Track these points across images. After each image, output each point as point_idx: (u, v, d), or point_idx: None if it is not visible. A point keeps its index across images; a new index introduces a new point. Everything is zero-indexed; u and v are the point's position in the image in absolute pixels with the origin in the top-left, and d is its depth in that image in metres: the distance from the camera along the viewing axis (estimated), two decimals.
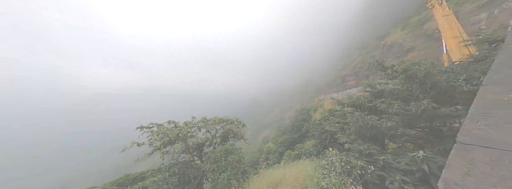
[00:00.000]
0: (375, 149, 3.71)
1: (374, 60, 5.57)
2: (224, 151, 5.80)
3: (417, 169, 2.76)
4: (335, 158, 3.52)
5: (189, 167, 5.96)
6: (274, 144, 31.80)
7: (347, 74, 56.55)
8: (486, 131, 1.67)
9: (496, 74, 2.03)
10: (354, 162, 3.32)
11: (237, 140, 7.25)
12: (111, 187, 5.53)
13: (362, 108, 5.65)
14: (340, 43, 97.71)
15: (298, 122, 31.66)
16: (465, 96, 3.57)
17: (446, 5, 14.29)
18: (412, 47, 34.26)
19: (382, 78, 5.61)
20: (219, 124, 7.08)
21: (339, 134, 5.10)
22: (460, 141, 1.74)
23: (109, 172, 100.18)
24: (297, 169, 5.01)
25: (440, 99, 4.01)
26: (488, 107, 1.85)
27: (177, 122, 6.79)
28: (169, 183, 5.25)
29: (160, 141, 5.78)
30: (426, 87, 4.05)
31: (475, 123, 1.79)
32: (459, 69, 4.59)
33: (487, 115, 1.78)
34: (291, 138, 27.87)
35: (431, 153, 2.89)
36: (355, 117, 4.45)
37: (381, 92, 5.53)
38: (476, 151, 1.59)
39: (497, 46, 4.09)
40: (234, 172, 5.21)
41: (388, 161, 3.18)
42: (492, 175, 1.38)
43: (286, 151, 14.92)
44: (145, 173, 6.35)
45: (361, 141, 4.33)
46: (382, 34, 58.40)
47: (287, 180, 4.45)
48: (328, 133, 7.13)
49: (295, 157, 10.54)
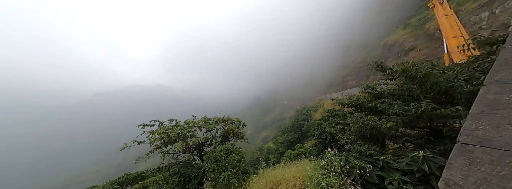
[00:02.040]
0: (375, 150, 3.71)
1: (373, 61, 5.50)
2: (225, 151, 5.81)
3: (418, 169, 2.76)
4: (335, 158, 3.52)
5: (190, 167, 5.97)
6: (274, 143, 31.83)
7: (347, 74, 56.51)
8: (487, 131, 1.66)
9: (497, 74, 2.01)
10: (354, 162, 3.32)
11: (237, 140, 7.27)
12: (112, 186, 5.53)
13: (362, 108, 5.64)
14: (341, 43, 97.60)
15: (298, 122, 31.68)
16: (466, 96, 3.56)
17: (447, 4, 14.26)
18: (413, 47, 34.20)
19: (382, 78, 5.58)
20: (220, 123, 7.09)
21: (340, 135, 5.10)
22: (461, 141, 1.74)
23: (109, 171, 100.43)
24: (297, 169, 5.02)
25: (440, 99, 4.00)
26: (489, 107, 1.84)
27: (178, 121, 6.81)
28: (170, 182, 5.26)
29: (161, 140, 5.79)
30: (426, 87, 4.04)
31: (476, 123, 1.79)
32: (460, 69, 4.57)
33: (488, 115, 1.78)
34: (291, 137, 27.89)
35: (431, 153, 2.88)
36: (355, 118, 4.44)
37: (381, 93, 5.52)
38: (477, 151, 1.58)
39: (498, 46, 4.08)
40: (234, 172, 5.21)
41: (388, 161, 3.18)
42: (493, 175, 1.38)
43: (286, 151, 14.93)
44: (146, 173, 6.36)
45: (362, 141, 4.32)
46: (382, 34, 58.31)
47: (287, 180, 4.46)
48: (328, 133, 7.13)
49: (295, 157, 10.54)
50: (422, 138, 4.15)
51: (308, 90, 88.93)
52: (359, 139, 4.49)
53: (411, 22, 42.07)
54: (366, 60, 49.60)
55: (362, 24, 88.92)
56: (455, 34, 12.54)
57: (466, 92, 3.51)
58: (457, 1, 29.74)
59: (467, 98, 3.52)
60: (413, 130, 4.54)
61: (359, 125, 4.29)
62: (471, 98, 2.33)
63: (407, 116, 3.86)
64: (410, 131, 4.52)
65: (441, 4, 14.48)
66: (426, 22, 36.30)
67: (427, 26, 34.80)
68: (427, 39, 32.66)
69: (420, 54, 30.67)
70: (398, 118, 3.92)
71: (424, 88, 4.11)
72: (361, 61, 52.68)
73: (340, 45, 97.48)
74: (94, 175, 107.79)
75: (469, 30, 21.95)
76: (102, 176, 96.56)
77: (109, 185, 5.52)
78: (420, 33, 35.35)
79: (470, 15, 25.18)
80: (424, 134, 4.45)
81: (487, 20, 22.89)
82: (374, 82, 6.12)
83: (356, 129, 4.46)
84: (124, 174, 6.15)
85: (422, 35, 34.45)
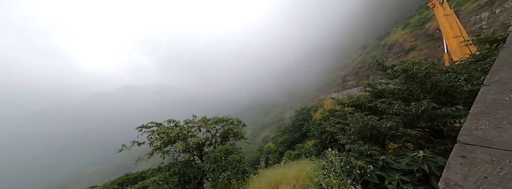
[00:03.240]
0: (375, 150, 3.70)
1: (374, 60, 5.56)
2: (224, 151, 5.81)
3: (417, 169, 2.75)
4: (335, 158, 3.52)
5: (189, 167, 5.96)
6: (274, 143, 31.82)
7: (347, 74, 56.52)
8: (487, 131, 1.66)
9: (497, 74, 2.01)
10: (354, 162, 3.31)
11: (237, 140, 7.27)
12: (112, 186, 5.53)
13: (362, 108, 5.63)
14: (341, 43, 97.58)
15: (298, 122, 31.62)
16: (466, 96, 3.55)
17: (447, 4, 14.25)
18: (412, 47, 34.20)
19: (383, 78, 5.59)
20: (219, 123, 7.09)
21: (340, 135, 5.10)
22: (461, 141, 1.73)
23: (109, 171, 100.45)
24: (297, 169, 5.01)
25: (440, 98, 4.00)
26: (489, 107, 1.84)
27: (177, 121, 6.80)
28: (170, 182, 5.25)
29: (161, 141, 5.79)
30: (427, 87, 4.04)
31: (476, 123, 1.78)
32: (460, 69, 4.57)
33: (488, 115, 1.78)
34: (292, 137, 27.85)
35: (431, 153, 2.88)
36: (355, 118, 4.44)
37: (381, 92, 5.52)
38: (477, 151, 1.58)
39: (498, 46, 4.07)
40: (234, 172, 5.21)
41: (388, 161, 3.18)
42: (493, 175, 1.38)
43: (286, 151, 14.92)
44: (146, 173, 6.35)
45: (362, 141, 4.32)
46: (382, 34, 58.34)
47: (287, 180, 4.45)
48: (328, 133, 7.13)
49: (295, 157, 10.54)
50: (422, 138, 4.14)
51: (309, 90, 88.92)
52: (359, 139, 4.49)
53: (411, 22, 42.06)
54: (366, 60, 49.62)
55: (362, 24, 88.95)
56: (455, 34, 12.52)
57: (467, 92, 3.51)
58: (457, 1, 29.73)
59: (467, 97, 3.52)
60: (413, 130, 4.54)
61: (359, 125, 4.29)
62: (471, 98, 2.32)
63: (408, 116, 3.85)
64: (410, 130, 4.51)
65: (441, 4, 14.46)
66: (426, 22, 36.28)
67: (427, 26, 34.79)
68: (427, 39, 32.66)
69: (420, 54, 30.68)
70: (398, 118, 3.92)
71: (425, 88, 4.11)
72: (361, 61, 52.67)
73: (340, 45, 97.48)
74: (94, 175, 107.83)
75: (469, 30, 21.95)
76: (102, 176, 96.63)
77: (109, 185, 5.51)
78: (420, 33, 35.34)
79: (470, 15, 25.17)
80: (424, 134, 4.44)
81: (487, 20, 22.89)
82: (375, 81, 6.13)
83: (356, 129, 4.46)
84: (124, 174, 6.14)
85: (422, 35, 34.45)
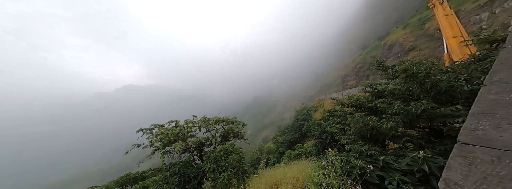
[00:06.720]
0: (376, 150, 3.70)
1: (375, 60, 5.57)
2: (224, 151, 5.81)
3: (418, 169, 2.75)
4: (335, 158, 3.52)
5: (190, 167, 5.97)
6: (274, 143, 31.79)
7: (347, 74, 56.47)
8: (487, 131, 1.66)
9: (497, 74, 2.02)
10: (354, 162, 3.31)
11: (237, 140, 7.27)
12: (112, 186, 5.54)
13: (362, 108, 5.64)
14: (341, 43, 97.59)
15: (298, 122, 31.59)
16: (466, 96, 3.55)
17: (447, 4, 14.22)
18: (412, 47, 34.18)
19: (383, 78, 5.60)
20: (219, 123, 7.09)
21: (340, 135, 5.10)
22: (461, 141, 1.73)
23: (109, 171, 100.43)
24: (297, 169, 5.01)
25: (440, 98, 4.00)
26: (489, 107, 1.84)
27: (178, 121, 6.81)
28: (170, 182, 5.26)
29: (160, 142, 5.80)
30: (427, 87, 4.04)
31: (476, 123, 1.79)
32: (460, 69, 4.57)
33: (488, 115, 1.78)
34: (292, 137, 27.82)
35: (431, 153, 2.88)
36: (355, 118, 4.44)
37: (381, 92, 5.52)
38: (477, 151, 1.58)
39: (498, 46, 4.08)
40: (234, 172, 5.21)
41: (388, 161, 3.18)
42: (493, 175, 1.38)
43: (286, 151, 14.90)
44: (146, 173, 6.36)
45: (362, 141, 4.32)
46: (382, 34, 58.32)
47: (287, 180, 4.45)
48: (328, 133, 7.13)
49: (295, 157, 10.53)
50: (422, 138, 4.14)
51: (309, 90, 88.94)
52: (360, 139, 4.49)
53: (411, 22, 42.04)
54: (366, 60, 49.57)
55: (362, 24, 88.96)
56: (455, 34, 12.51)
57: (466, 92, 3.51)
58: (457, 1, 29.73)
59: (467, 97, 3.52)
60: (413, 130, 4.54)
61: (360, 126, 4.29)
62: (471, 98, 2.32)
63: (407, 116, 3.85)
64: (410, 131, 4.51)
65: (441, 4, 14.44)
66: (426, 22, 36.26)
67: (427, 26, 34.77)
68: (427, 39, 32.64)
69: (420, 54, 30.64)
70: (398, 118, 3.92)
71: (425, 88, 4.11)
72: (361, 61, 52.62)
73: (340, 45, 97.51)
74: (94, 175, 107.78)
75: (469, 30, 21.93)
76: (102, 176, 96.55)
77: (109, 185, 5.52)
78: (420, 33, 35.32)
79: (470, 15, 25.16)
80: (424, 134, 4.44)
81: (487, 20, 22.89)
82: (375, 81, 6.14)
83: (357, 129, 4.46)
84: (125, 174, 6.15)
85: (422, 35, 34.43)
